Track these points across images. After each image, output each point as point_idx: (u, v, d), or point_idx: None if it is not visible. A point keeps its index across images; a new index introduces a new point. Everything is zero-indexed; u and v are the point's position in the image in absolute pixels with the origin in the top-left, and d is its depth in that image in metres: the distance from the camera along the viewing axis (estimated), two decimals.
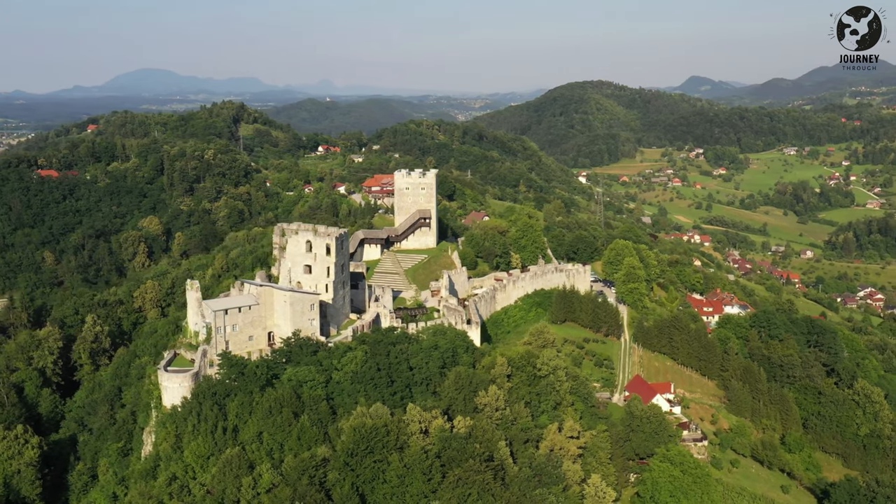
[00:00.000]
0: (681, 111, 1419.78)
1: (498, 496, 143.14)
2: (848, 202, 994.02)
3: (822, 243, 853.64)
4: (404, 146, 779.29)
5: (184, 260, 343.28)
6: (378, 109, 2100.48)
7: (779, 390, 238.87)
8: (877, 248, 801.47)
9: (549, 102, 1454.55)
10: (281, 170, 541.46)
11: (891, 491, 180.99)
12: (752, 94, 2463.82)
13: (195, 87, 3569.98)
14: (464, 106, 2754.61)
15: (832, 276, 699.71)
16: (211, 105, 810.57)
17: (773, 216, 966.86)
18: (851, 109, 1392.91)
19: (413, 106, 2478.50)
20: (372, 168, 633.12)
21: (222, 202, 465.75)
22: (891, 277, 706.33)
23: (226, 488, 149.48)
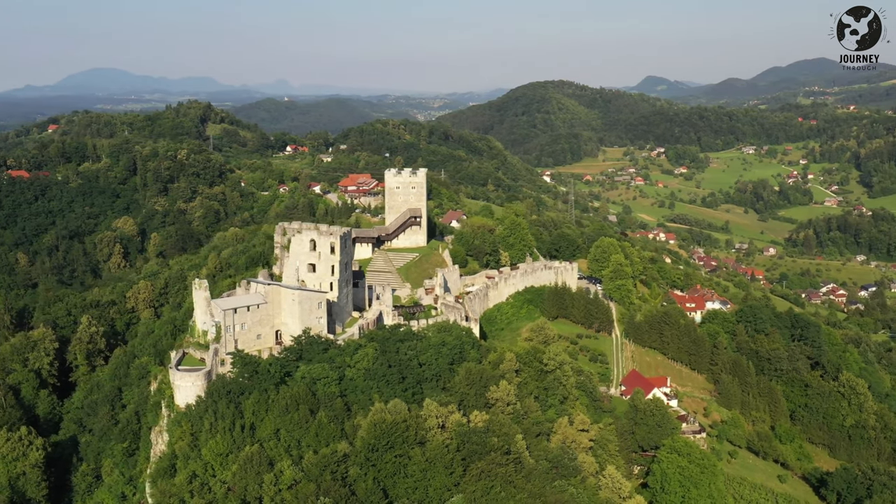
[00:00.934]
0: (641, 111, 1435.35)
1: (520, 488, 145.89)
2: (806, 200, 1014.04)
3: (783, 240, 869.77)
4: (371, 146, 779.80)
5: (171, 260, 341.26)
6: (338, 109, 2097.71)
7: (767, 383, 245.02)
8: (836, 245, 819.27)
9: (512, 102, 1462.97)
10: (254, 169, 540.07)
11: (886, 479, 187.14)
12: (708, 94, 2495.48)
13: (150, 87, 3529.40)
14: (423, 105, 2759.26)
15: (795, 273, 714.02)
16: (176, 105, 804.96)
17: (734, 214, 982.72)
18: (807, 109, 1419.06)
19: (372, 105, 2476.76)
20: (341, 168, 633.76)
21: (197, 202, 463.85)
22: (851, 273, 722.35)
23: (247, 485, 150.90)
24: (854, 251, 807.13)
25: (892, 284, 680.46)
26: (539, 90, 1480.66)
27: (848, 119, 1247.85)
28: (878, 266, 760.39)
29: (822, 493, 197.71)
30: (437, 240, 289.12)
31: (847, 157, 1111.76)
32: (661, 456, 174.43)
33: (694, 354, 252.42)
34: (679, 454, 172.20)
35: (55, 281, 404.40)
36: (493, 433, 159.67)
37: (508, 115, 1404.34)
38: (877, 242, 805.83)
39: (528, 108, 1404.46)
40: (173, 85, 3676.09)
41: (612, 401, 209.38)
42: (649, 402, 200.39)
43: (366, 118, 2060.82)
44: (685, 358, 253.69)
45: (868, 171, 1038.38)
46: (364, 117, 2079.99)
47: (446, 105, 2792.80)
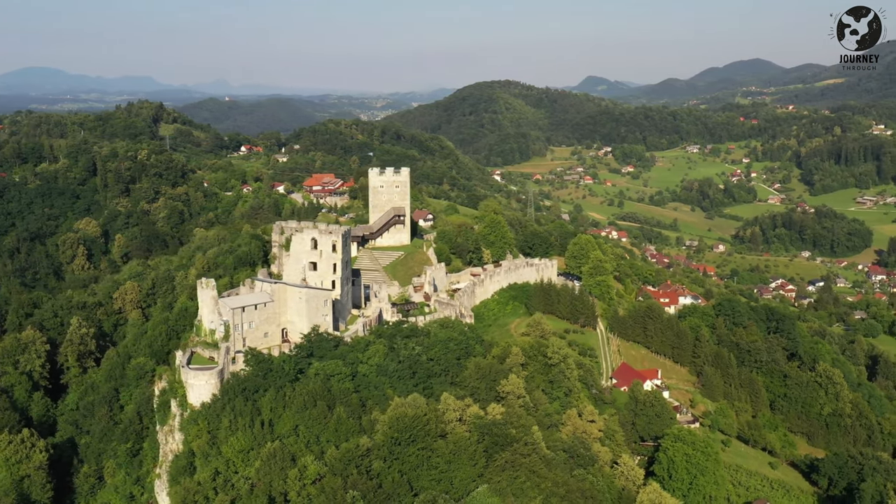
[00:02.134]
0: (587, 110, 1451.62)
1: (543, 477, 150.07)
2: (751, 198, 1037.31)
3: (730, 238, 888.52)
4: (325, 146, 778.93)
5: (151, 260, 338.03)
6: (281, 109, 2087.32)
7: (748, 374, 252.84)
8: (782, 242, 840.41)
9: (459, 102, 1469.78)
10: (216, 170, 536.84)
11: (875, 463, 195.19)
12: (648, 94, 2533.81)
13: (86, 87, 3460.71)
14: (366, 105, 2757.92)
15: (745, 269, 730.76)
16: (126, 105, 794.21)
17: (681, 212, 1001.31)
18: (748, 108, 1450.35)
19: (315, 105, 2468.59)
20: (298, 168, 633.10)
21: (161, 203, 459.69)
22: (798, 269, 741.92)
23: (272, 481, 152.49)
24: (799, 247, 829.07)
25: (837, 279, 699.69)
26: (486, 90, 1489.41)
27: (788, 119, 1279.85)
28: (824, 262, 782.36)
29: (812, 479, 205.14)
30: (418, 238, 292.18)
31: (788, 155, 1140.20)
32: (666, 445, 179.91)
33: (677, 348, 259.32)
34: (684, 442, 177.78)
35: (18, 284, 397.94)
36: (510, 425, 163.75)
37: (456, 115, 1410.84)
38: (821, 239, 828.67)
39: (476, 107, 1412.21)
40: (110, 84, 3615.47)
41: (612, 392, 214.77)
42: (648, 394, 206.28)
43: (309, 118, 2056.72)
44: (668, 351, 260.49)
45: (809, 170, 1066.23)
46: (307, 117, 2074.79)
47: (389, 105, 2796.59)
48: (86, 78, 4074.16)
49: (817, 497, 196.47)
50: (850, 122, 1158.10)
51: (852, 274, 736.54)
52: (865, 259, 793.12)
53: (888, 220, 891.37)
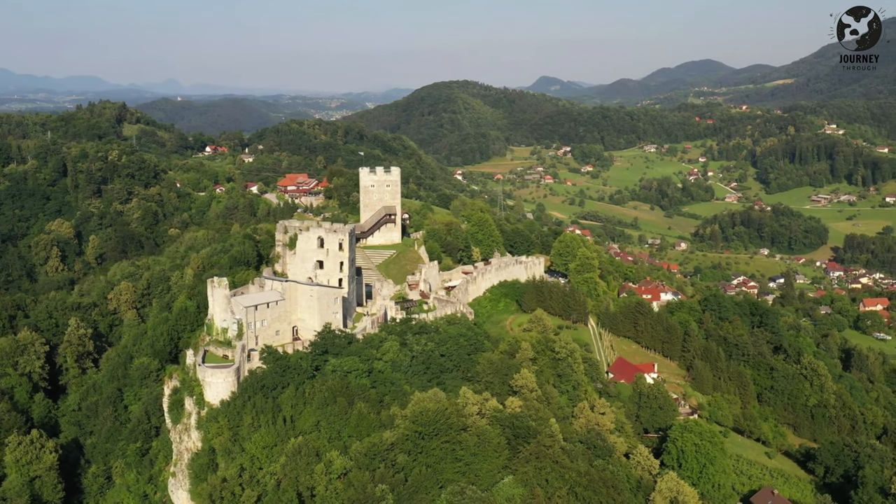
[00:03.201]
0: (545, 110, 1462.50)
1: (567, 468, 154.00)
2: (708, 196, 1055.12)
3: (690, 235, 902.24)
4: (290, 146, 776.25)
5: (139, 261, 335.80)
6: (235, 109, 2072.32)
7: (737, 367, 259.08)
8: (741, 240, 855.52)
9: (418, 102, 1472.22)
10: (187, 170, 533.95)
11: (870, 450, 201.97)
12: (602, 94, 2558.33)
13: (33, 86, 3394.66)
14: (320, 105, 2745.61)
15: (707, 266, 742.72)
16: (88, 104, 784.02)
17: (641, 211, 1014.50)
18: (703, 108, 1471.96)
19: (269, 105, 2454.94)
20: (265, 168, 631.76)
21: (134, 203, 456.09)
22: (759, 266, 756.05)
23: (298, 476, 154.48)
24: (758, 245, 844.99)
25: (797, 276, 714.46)
26: (444, 90, 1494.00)
27: (742, 118, 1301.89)
28: (783, 259, 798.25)
29: (809, 467, 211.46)
30: (406, 237, 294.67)
31: (744, 154, 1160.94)
32: (675, 435, 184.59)
33: (667, 342, 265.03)
34: (692, 433, 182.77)
35: None
36: (529, 418, 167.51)
37: (415, 115, 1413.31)
38: (778, 236, 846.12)
39: (435, 107, 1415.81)
40: (58, 84, 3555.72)
41: (616, 386, 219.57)
42: (652, 387, 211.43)
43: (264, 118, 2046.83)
44: (658, 346, 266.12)
45: (764, 169, 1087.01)
46: (262, 117, 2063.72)
47: (344, 105, 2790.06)
48: (33, 78, 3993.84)
49: (814, 485, 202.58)
50: (802, 121, 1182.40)
51: (811, 270, 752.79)
52: (822, 256, 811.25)
53: (842, 217, 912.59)
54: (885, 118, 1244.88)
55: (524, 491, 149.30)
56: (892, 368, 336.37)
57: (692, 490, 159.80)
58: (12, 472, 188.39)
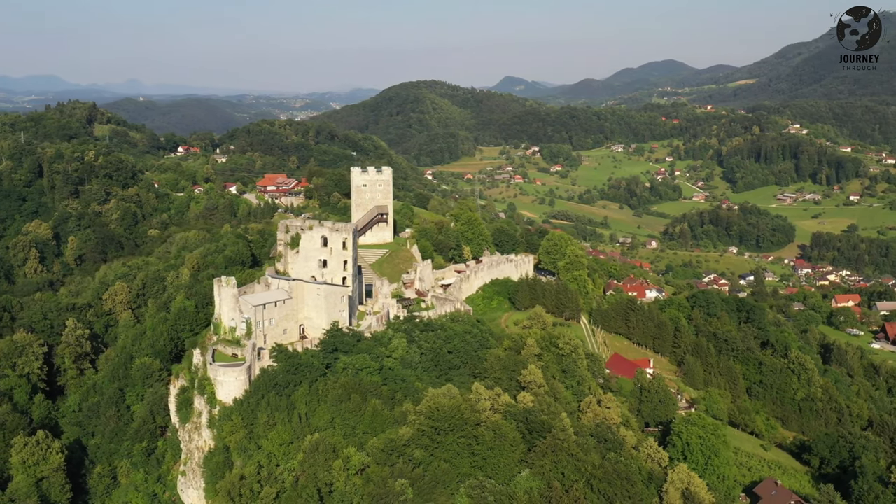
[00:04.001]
0: (512, 110, 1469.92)
1: (583, 461, 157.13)
2: (676, 196, 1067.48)
3: (659, 234, 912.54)
4: (262, 146, 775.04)
5: (130, 261, 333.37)
6: (199, 109, 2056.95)
7: (727, 363, 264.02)
8: (710, 238, 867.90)
9: (385, 102, 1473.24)
10: (164, 170, 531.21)
11: (864, 441, 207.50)
12: (566, 94, 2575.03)
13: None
14: (284, 105, 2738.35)
15: (678, 264, 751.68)
16: (56, 104, 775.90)
17: (610, 210, 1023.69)
18: (668, 108, 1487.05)
19: (233, 105, 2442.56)
20: (239, 168, 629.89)
21: (113, 204, 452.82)
22: (729, 264, 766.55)
23: (316, 472, 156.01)
24: (727, 243, 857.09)
25: (766, 273, 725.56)
26: (412, 90, 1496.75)
27: (707, 118, 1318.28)
28: (752, 257, 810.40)
29: (804, 459, 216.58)
30: (397, 236, 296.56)
31: (710, 154, 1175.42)
32: (679, 428, 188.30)
33: (658, 338, 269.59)
34: (696, 426, 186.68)
35: None
36: (541, 412, 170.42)
37: (383, 115, 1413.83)
38: (746, 235, 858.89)
39: (403, 107, 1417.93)
40: (17, 84, 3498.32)
41: (618, 381, 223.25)
42: (653, 382, 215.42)
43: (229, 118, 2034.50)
44: (649, 342, 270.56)
45: (730, 168, 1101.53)
46: (227, 117, 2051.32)
47: (309, 105, 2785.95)
48: None
49: (810, 476, 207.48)
50: (767, 121, 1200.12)
51: (779, 268, 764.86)
52: (789, 254, 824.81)
53: (808, 216, 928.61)
54: (846, 118, 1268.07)
55: (541, 484, 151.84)
56: (869, 363, 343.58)
57: (701, 481, 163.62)
58: (19, 474, 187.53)
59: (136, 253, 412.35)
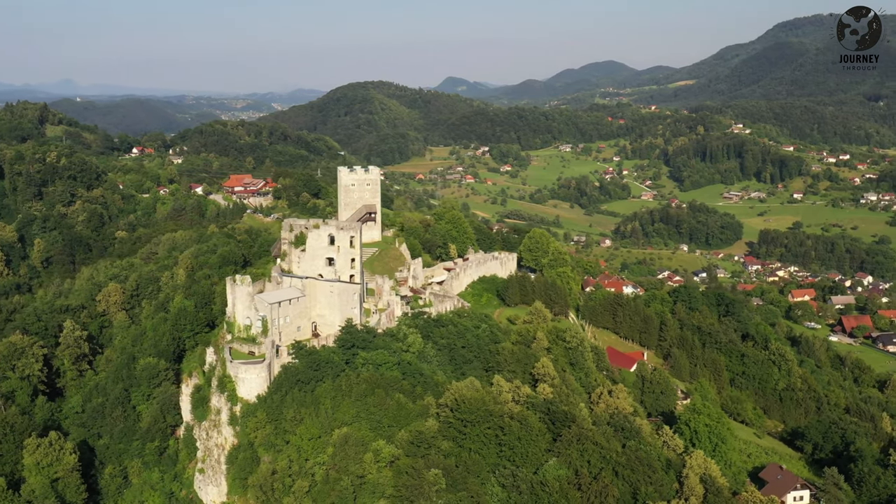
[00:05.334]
0: (460, 111, 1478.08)
1: (608, 449, 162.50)
2: (625, 195, 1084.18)
3: (611, 233, 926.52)
4: (216, 146, 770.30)
5: (123, 261, 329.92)
6: (140, 110, 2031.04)
7: (711, 355, 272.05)
8: (661, 236, 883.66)
9: (333, 102, 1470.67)
10: (127, 171, 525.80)
11: (855, 426, 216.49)
12: (509, 95, 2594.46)
13: None
14: (225, 106, 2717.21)
15: (632, 262, 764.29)
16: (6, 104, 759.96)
17: (561, 209, 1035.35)
18: (614, 109, 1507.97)
19: (174, 106, 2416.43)
20: (195, 169, 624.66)
21: (78, 206, 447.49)
22: (682, 261, 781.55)
23: (347, 465, 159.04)
24: (677, 241, 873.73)
25: (717, 270, 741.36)
26: (360, 90, 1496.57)
27: (653, 118, 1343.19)
28: (703, 254, 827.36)
29: (797, 445, 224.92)
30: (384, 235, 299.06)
31: (656, 153, 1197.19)
32: (686, 417, 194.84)
33: (644, 332, 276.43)
34: (703, 414, 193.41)
35: None
36: (562, 403, 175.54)
37: (331, 116, 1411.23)
38: (696, 232, 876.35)
39: (351, 108, 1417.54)
40: None
41: (621, 372, 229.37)
42: (655, 373, 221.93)
43: (170, 119, 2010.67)
44: (636, 336, 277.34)
45: (677, 167, 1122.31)
46: (168, 118, 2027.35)
47: (250, 106, 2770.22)
48: None
49: (804, 461, 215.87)
50: (711, 121, 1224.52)
51: (730, 265, 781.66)
52: (738, 251, 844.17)
53: (754, 213, 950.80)
54: (786, 118, 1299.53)
55: (569, 472, 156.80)
56: (835, 354, 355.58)
57: (717, 467, 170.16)
58: (32, 476, 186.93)
59: (105, 255, 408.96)
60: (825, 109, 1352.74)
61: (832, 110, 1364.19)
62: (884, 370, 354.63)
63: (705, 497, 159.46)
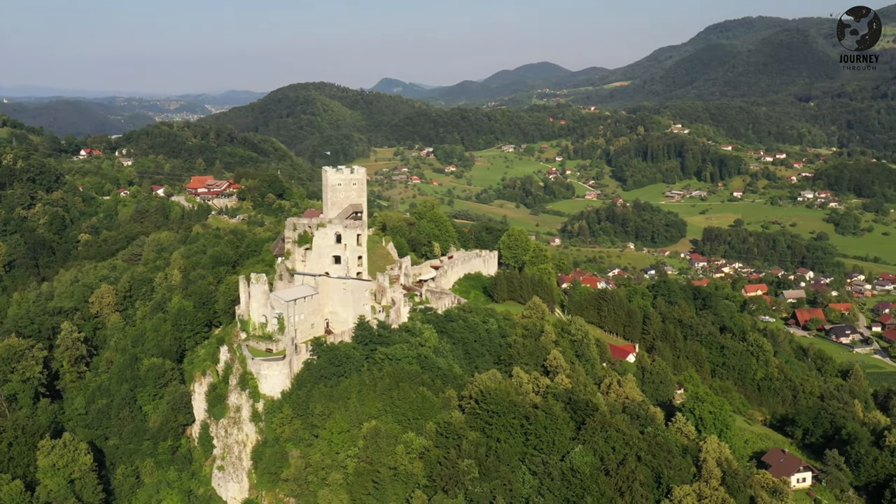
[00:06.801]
0: (403, 111, 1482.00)
1: (631, 435, 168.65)
2: (570, 194, 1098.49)
3: (558, 231, 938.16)
4: (163, 148, 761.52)
5: (115, 261, 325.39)
6: (71, 111, 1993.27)
7: (693, 347, 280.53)
8: (607, 234, 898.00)
9: (274, 104, 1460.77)
10: (85, 173, 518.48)
11: (843, 411, 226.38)
12: (446, 96, 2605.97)
13: None
14: (158, 107, 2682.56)
15: (583, 260, 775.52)
16: None
17: (507, 209, 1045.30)
18: (555, 109, 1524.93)
19: (106, 108, 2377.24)
20: (147, 172, 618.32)
21: (39, 209, 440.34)
22: (630, 259, 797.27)
23: (380, 457, 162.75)
24: (623, 239, 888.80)
25: (665, 267, 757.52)
26: (301, 91, 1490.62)
27: (593, 119, 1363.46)
28: (650, 252, 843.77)
29: (787, 431, 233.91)
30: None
31: (598, 153, 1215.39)
32: (691, 404, 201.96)
33: (628, 326, 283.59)
34: (705, 402, 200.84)
35: None
36: (580, 392, 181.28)
37: (273, 117, 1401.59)
38: (642, 231, 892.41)
39: (293, 109, 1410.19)
40: None
41: (622, 364, 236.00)
42: (655, 364, 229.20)
43: (102, 120, 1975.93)
44: (620, 329, 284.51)
45: (619, 167, 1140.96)
46: (100, 119, 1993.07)
47: (183, 107, 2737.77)
48: None
49: (795, 445, 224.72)
50: (650, 121, 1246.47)
51: (677, 262, 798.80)
52: (683, 248, 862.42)
53: (696, 212, 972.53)
54: (721, 118, 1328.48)
55: (595, 459, 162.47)
56: (798, 346, 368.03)
57: (730, 452, 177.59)
58: (47, 477, 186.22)
59: (69, 258, 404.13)
60: (759, 110, 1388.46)
61: (765, 111, 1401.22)
62: (840, 360, 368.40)
63: (723, 479, 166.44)
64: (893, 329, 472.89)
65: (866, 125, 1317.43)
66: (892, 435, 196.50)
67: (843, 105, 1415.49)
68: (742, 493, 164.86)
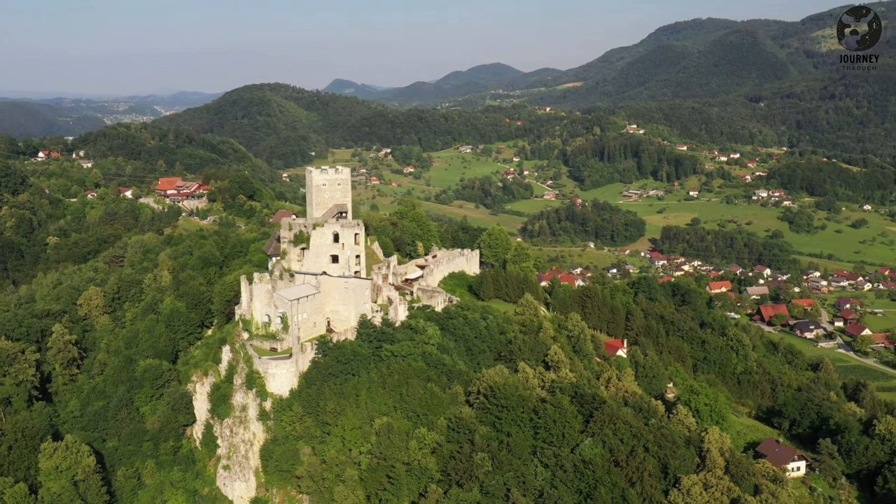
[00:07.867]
0: (360, 113, 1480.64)
1: (638, 427, 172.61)
2: (528, 194, 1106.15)
3: (518, 231, 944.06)
4: (122, 150, 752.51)
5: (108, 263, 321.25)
6: (17, 113, 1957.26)
7: (675, 342, 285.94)
8: (567, 234, 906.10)
9: (229, 105, 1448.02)
10: (49, 175, 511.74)
11: (829, 403, 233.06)
12: (399, 97, 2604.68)
13: None
14: (106, 109, 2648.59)
15: (545, 260, 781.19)
16: None
17: (467, 209, 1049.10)
18: (511, 110, 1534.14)
19: (53, 109, 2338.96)
20: (109, 174, 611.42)
21: (5, 211, 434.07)
22: (592, 258, 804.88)
23: (394, 453, 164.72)
24: (584, 238, 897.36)
25: (626, 266, 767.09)
26: (256, 92, 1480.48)
27: (549, 119, 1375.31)
28: (611, 250, 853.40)
29: (774, 423, 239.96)
30: None
31: (555, 154, 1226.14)
32: (686, 398, 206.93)
33: (612, 322, 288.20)
34: (700, 395, 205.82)
35: None
36: (585, 387, 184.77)
37: (228, 118, 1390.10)
38: (602, 230, 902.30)
39: (248, 110, 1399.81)
40: None
41: (616, 358, 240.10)
42: (648, 359, 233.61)
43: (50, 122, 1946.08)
44: (604, 326, 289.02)
45: (577, 167, 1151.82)
46: (48, 121, 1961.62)
47: (132, 108, 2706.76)
48: None
49: (783, 436, 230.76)
50: (606, 122, 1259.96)
51: (637, 260, 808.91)
52: (643, 247, 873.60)
53: (653, 211, 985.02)
54: (675, 118, 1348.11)
55: (604, 451, 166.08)
56: (768, 340, 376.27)
57: (731, 442, 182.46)
58: (50, 480, 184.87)
59: (38, 261, 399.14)
60: (711, 110, 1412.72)
61: (717, 111, 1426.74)
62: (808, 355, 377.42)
63: (727, 468, 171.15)
64: (855, 323, 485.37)
65: (815, 125, 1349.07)
66: (882, 423, 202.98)
67: (792, 105, 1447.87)
68: (746, 482, 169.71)
